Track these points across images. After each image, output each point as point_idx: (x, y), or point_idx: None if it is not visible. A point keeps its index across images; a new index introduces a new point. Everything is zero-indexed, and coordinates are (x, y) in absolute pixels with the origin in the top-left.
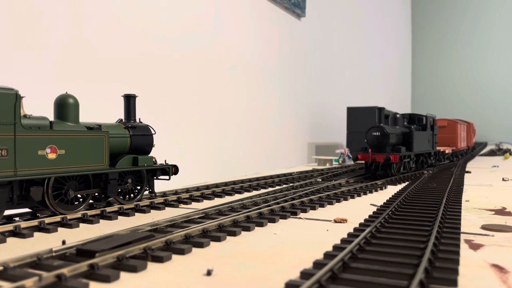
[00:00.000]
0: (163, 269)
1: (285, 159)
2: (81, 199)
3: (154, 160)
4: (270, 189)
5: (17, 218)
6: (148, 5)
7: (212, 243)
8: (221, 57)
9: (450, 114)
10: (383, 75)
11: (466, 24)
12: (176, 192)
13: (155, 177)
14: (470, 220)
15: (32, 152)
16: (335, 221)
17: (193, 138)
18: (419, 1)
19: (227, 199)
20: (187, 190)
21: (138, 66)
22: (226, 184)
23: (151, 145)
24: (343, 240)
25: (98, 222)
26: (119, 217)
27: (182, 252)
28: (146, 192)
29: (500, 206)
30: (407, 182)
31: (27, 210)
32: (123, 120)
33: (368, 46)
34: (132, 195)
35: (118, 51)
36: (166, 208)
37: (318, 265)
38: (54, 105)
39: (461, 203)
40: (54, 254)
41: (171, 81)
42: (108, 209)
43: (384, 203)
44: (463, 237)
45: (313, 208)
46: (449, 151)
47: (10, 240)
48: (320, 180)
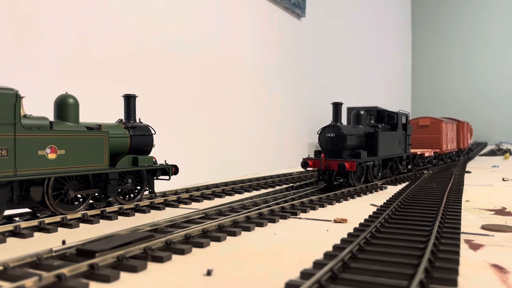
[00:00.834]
0: (163, 269)
1: (286, 159)
2: (81, 199)
3: (154, 160)
4: (270, 189)
5: (17, 218)
6: (148, 5)
7: (212, 243)
8: (221, 57)
9: (450, 114)
10: (384, 75)
11: (467, 24)
12: (176, 192)
13: (155, 177)
14: (470, 220)
15: (32, 152)
16: (335, 221)
17: (193, 138)
18: (419, 1)
19: (227, 199)
20: (187, 190)
21: (138, 66)
22: (226, 184)
23: (151, 145)
24: (343, 240)
25: (98, 222)
26: (119, 217)
27: (182, 252)
28: (146, 192)
29: (500, 206)
30: (407, 182)
31: (27, 210)
32: (123, 120)
33: (369, 46)
34: (132, 195)
35: (118, 51)
36: (166, 208)
37: (318, 265)
38: (54, 105)
39: (461, 203)
40: (54, 254)
41: (171, 81)
42: (108, 209)
43: (384, 203)
44: (463, 237)
45: (313, 208)
46: (430, 154)
47: (10, 240)
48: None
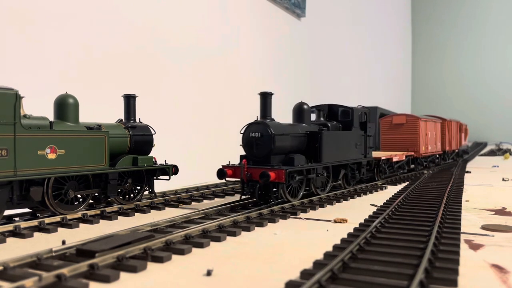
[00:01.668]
0: (163, 269)
1: None
2: (81, 199)
3: (154, 160)
4: None
5: (17, 218)
6: (148, 5)
7: (212, 243)
8: (221, 57)
9: (451, 114)
10: (383, 75)
11: (468, 23)
12: (176, 192)
13: (155, 177)
14: (470, 220)
15: (32, 152)
16: (335, 221)
17: (193, 138)
18: (420, 1)
19: (227, 199)
20: (187, 190)
21: (139, 66)
22: (226, 184)
23: (151, 145)
24: (343, 240)
25: (98, 222)
26: (119, 217)
27: (182, 253)
28: (146, 192)
29: (500, 206)
30: (407, 182)
31: (27, 210)
32: (123, 120)
33: (368, 46)
34: (132, 195)
35: (119, 51)
36: (166, 208)
37: (318, 265)
38: (54, 105)
39: (461, 203)
40: (54, 254)
41: (171, 81)
42: (108, 209)
43: (384, 203)
44: (463, 237)
45: (313, 209)
46: (401, 158)
47: (10, 240)
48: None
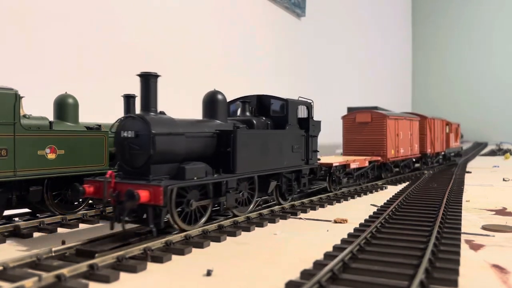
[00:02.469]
0: (163, 270)
1: None
2: (81, 200)
3: None
4: None
5: (17, 218)
6: (148, 5)
7: (212, 244)
8: (221, 57)
9: (451, 114)
10: (384, 75)
11: (469, 23)
12: None
13: None
14: (471, 221)
15: (32, 152)
16: (335, 222)
17: None
18: (420, 1)
19: None
20: None
21: (139, 66)
22: None
23: None
24: (343, 241)
25: (98, 222)
26: None
27: (182, 253)
28: None
29: (501, 206)
30: (408, 182)
31: (27, 210)
32: None
33: (369, 46)
34: None
35: (118, 51)
36: None
37: (318, 266)
38: (54, 105)
39: (462, 203)
40: (54, 254)
41: (171, 82)
42: (108, 209)
43: (385, 203)
44: (464, 238)
45: (313, 209)
46: (363, 164)
47: (10, 240)
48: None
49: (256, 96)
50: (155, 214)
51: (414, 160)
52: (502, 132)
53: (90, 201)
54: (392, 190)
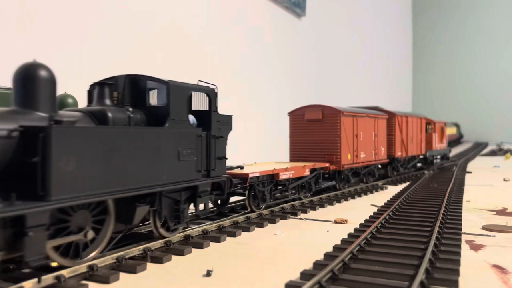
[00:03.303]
0: (163, 270)
1: (285, 159)
2: None
3: None
4: None
5: None
6: (148, 4)
7: (212, 244)
8: (221, 56)
9: (451, 114)
10: (384, 74)
11: (469, 22)
12: None
13: None
14: (471, 221)
15: None
16: (336, 222)
17: None
18: (420, 1)
19: None
20: None
21: (138, 66)
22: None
23: None
24: (344, 241)
25: None
26: None
27: (182, 253)
28: None
29: (501, 207)
30: (408, 183)
31: None
32: None
33: (369, 46)
34: None
35: (118, 51)
36: None
37: (319, 266)
38: None
39: (462, 204)
40: None
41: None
42: None
43: (385, 204)
44: (464, 238)
45: (313, 209)
46: (301, 174)
47: None
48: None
49: (126, 77)
50: None
51: (381, 166)
52: (503, 132)
53: None
54: (393, 190)
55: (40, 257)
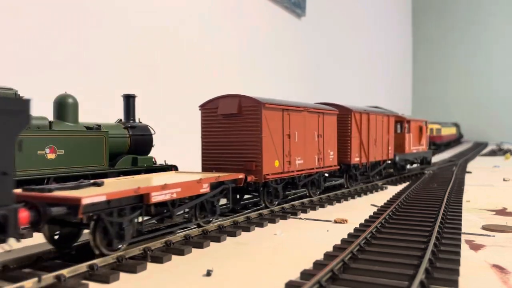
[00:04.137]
0: (163, 270)
1: None
2: None
3: (154, 160)
4: None
5: None
6: (149, 4)
7: (212, 244)
8: (221, 56)
9: (451, 114)
10: (384, 74)
11: (470, 23)
12: None
13: None
14: (471, 221)
15: (31, 152)
16: (336, 222)
17: (193, 138)
18: (421, 1)
19: None
20: None
21: (138, 66)
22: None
23: (151, 145)
24: (344, 241)
25: None
26: None
27: (182, 253)
28: None
29: (501, 207)
30: (408, 183)
31: None
32: (123, 120)
33: (369, 46)
34: None
35: (118, 51)
36: None
37: (319, 266)
38: (54, 105)
39: (462, 204)
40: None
41: (171, 82)
42: None
43: (385, 203)
44: (464, 238)
45: (313, 209)
46: (188, 193)
47: (10, 241)
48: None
49: None
50: None
51: (328, 175)
52: (503, 132)
53: None
54: (392, 191)
55: None
